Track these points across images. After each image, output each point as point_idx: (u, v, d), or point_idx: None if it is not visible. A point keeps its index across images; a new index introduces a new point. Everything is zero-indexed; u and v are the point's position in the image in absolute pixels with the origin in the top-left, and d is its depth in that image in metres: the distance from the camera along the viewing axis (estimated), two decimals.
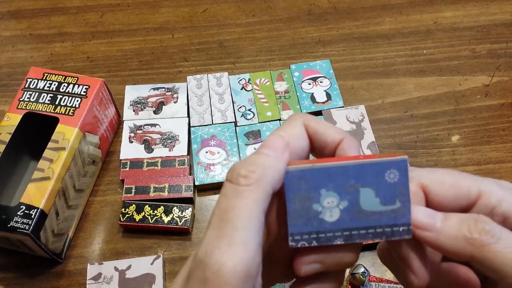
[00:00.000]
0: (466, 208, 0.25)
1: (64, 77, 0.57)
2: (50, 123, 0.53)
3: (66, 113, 0.54)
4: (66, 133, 0.53)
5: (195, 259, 0.23)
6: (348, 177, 0.23)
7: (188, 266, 0.24)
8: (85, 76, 0.57)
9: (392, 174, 0.24)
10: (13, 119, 0.53)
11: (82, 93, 0.56)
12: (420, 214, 0.24)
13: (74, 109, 0.55)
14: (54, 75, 0.57)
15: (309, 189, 0.24)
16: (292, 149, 0.25)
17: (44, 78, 0.57)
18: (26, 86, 0.56)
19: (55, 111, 0.54)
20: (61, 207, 0.52)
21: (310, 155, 0.28)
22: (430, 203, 0.26)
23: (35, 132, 0.54)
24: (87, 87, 0.56)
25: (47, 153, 0.51)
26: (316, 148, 0.27)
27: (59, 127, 0.53)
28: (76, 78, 0.57)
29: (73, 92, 0.56)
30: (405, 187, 0.24)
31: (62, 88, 0.56)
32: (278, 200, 0.25)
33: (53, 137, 0.52)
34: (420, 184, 0.25)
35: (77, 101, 0.55)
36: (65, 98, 0.55)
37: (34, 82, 0.57)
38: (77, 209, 0.56)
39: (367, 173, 0.23)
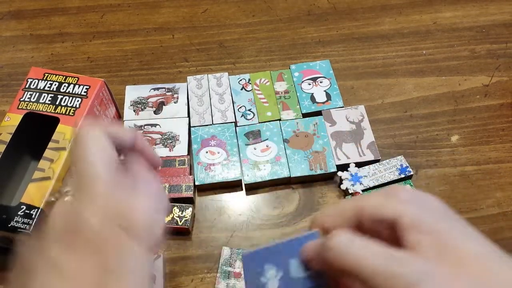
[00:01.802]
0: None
1: (64, 77, 0.57)
2: (51, 123, 0.53)
3: (67, 113, 0.54)
4: (67, 133, 0.53)
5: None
6: (281, 253, 0.30)
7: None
8: (85, 76, 0.58)
9: None
10: (14, 119, 0.54)
11: (82, 93, 0.56)
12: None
13: (74, 109, 0.55)
14: (54, 75, 0.57)
15: (256, 266, 0.30)
16: (106, 161, 0.32)
17: (44, 78, 0.57)
18: (27, 86, 0.56)
19: (56, 111, 0.54)
20: None
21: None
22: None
23: (36, 132, 0.54)
24: (88, 87, 0.57)
25: (47, 153, 0.51)
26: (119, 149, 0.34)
27: (60, 127, 0.53)
28: (76, 78, 0.57)
29: (73, 92, 0.56)
30: None
31: (63, 88, 0.56)
32: None
33: (54, 137, 0.52)
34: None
35: (78, 101, 0.55)
36: (65, 98, 0.55)
37: (35, 82, 0.57)
38: None
39: (293, 247, 0.30)
